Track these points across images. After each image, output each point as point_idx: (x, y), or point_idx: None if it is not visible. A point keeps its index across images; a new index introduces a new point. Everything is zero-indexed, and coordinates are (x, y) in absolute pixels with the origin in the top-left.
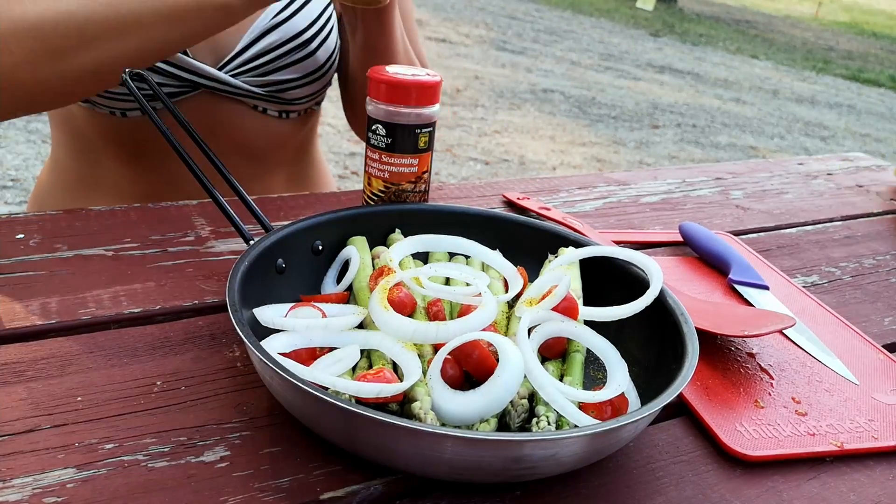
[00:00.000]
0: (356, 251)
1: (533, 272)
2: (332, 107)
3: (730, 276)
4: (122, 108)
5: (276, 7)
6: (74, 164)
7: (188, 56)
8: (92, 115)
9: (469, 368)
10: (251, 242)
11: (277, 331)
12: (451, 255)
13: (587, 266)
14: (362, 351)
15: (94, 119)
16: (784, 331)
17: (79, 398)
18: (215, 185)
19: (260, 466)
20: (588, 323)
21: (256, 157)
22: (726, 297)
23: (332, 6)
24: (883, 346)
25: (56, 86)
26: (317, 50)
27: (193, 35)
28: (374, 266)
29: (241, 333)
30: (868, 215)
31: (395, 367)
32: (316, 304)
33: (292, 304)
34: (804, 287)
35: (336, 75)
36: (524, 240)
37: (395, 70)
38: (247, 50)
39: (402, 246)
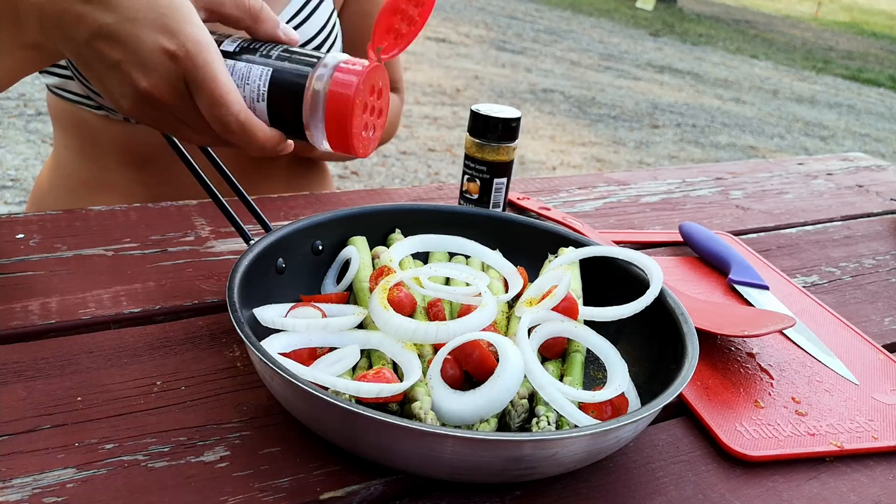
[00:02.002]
0: (356, 251)
1: (533, 272)
2: None
3: (730, 276)
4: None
5: (289, 13)
6: (78, 167)
7: None
8: (107, 121)
9: (469, 368)
10: (251, 242)
11: (277, 331)
12: (451, 255)
13: (587, 266)
14: (362, 351)
15: (109, 125)
16: (784, 331)
17: (79, 398)
18: (216, 185)
19: (260, 466)
20: (588, 323)
21: (260, 159)
22: (726, 297)
23: (335, 11)
24: (883, 346)
25: None
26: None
27: None
28: (374, 266)
29: (241, 333)
30: (868, 215)
31: (395, 367)
32: (316, 304)
33: (292, 304)
34: (804, 287)
35: None
36: (524, 240)
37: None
38: None
39: (402, 246)
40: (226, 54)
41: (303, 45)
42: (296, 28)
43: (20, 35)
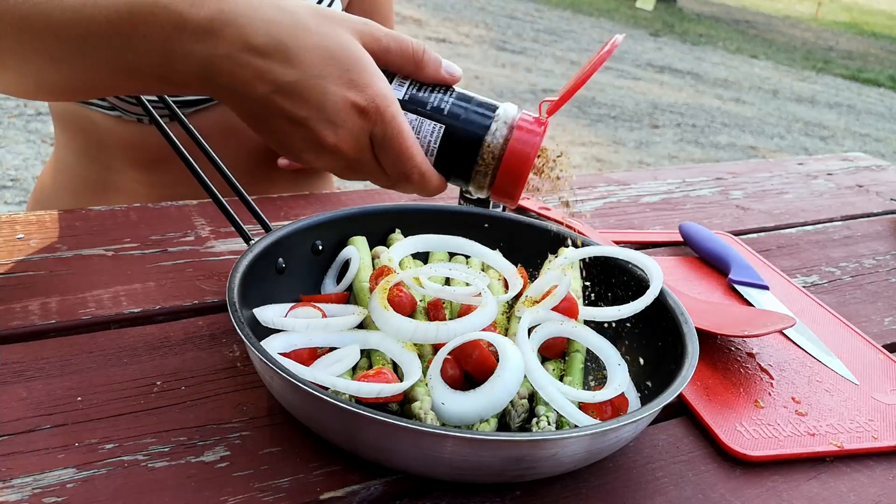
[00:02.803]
0: (356, 251)
1: (533, 272)
2: None
3: (730, 276)
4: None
5: None
6: (82, 167)
7: None
8: (117, 122)
9: (469, 368)
10: (251, 242)
11: (277, 331)
12: (451, 255)
13: (587, 266)
14: (362, 351)
15: (119, 126)
16: (784, 331)
17: (79, 398)
18: (217, 185)
19: (260, 466)
20: (588, 323)
21: (266, 160)
22: (726, 297)
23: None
24: (883, 346)
25: None
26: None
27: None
28: (374, 266)
29: (241, 333)
30: (868, 215)
31: (395, 367)
32: (316, 304)
33: (292, 304)
34: (804, 287)
35: None
36: (524, 240)
37: None
38: None
39: (402, 246)
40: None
41: None
42: None
43: (162, 71)
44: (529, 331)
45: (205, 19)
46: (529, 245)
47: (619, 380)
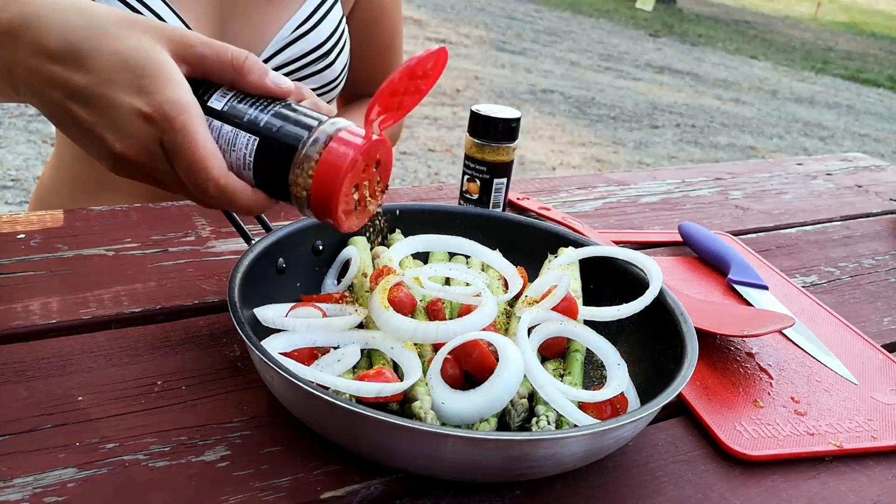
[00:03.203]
0: (356, 251)
1: (533, 272)
2: None
3: (729, 276)
4: None
5: (299, 18)
6: (82, 167)
7: None
8: None
9: (469, 368)
10: (252, 242)
11: (278, 330)
12: (451, 255)
13: (587, 266)
14: (362, 351)
15: None
16: (783, 331)
17: (79, 398)
18: None
19: (260, 466)
20: (588, 323)
21: None
22: (726, 297)
23: (344, 16)
24: (882, 346)
25: None
26: (335, 60)
27: None
28: (374, 266)
29: (241, 333)
30: (867, 215)
31: (395, 366)
32: (316, 303)
33: (293, 303)
34: (803, 287)
35: None
36: (524, 240)
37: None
38: (268, 62)
39: (402, 246)
40: (212, 112)
41: (315, 49)
42: (307, 32)
43: None
44: (529, 331)
45: (6, 22)
46: (529, 245)
47: (619, 380)
